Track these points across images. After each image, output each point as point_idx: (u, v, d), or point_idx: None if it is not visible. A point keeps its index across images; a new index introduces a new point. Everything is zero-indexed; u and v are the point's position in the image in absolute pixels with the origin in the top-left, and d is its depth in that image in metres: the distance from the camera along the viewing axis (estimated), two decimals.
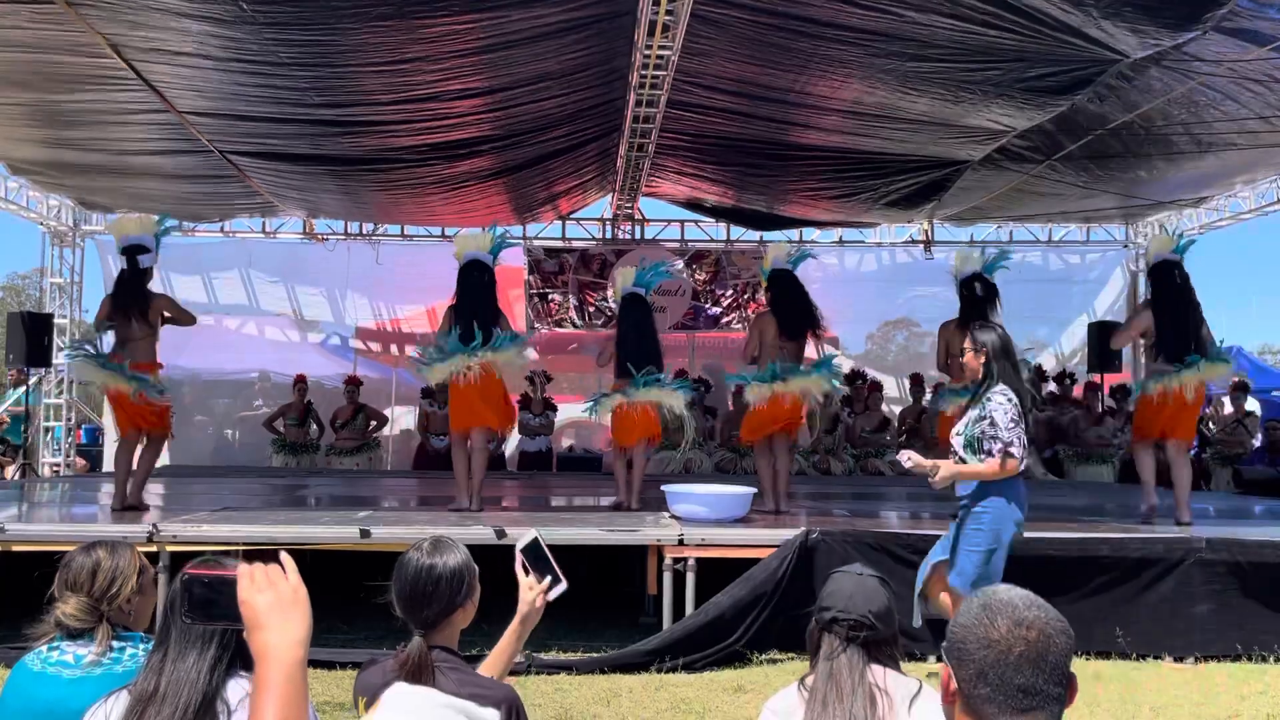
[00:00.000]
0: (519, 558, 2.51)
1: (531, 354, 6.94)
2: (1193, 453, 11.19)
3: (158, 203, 11.30)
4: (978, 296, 7.17)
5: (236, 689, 1.86)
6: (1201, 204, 11.38)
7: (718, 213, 12.12)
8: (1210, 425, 11.41)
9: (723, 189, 11.01)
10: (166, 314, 7.12)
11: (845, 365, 12.97)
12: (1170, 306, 6.84)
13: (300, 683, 1.34)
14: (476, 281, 6.91)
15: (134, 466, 7.09)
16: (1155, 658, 5.62)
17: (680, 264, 12.61)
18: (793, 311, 7.18)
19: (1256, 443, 10.83)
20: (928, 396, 11.97)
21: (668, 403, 7.01)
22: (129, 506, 6.93)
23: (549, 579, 2.49)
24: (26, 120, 7.94)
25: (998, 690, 1.35)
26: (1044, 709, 1.34)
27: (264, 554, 1.48)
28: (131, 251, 7.00)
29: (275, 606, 1.36)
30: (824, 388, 7.10)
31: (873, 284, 13.25)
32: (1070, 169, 9.12)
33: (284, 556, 1.43)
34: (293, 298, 12.83)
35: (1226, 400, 11.21)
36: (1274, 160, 9.26)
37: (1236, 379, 11.35)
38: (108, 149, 8.77)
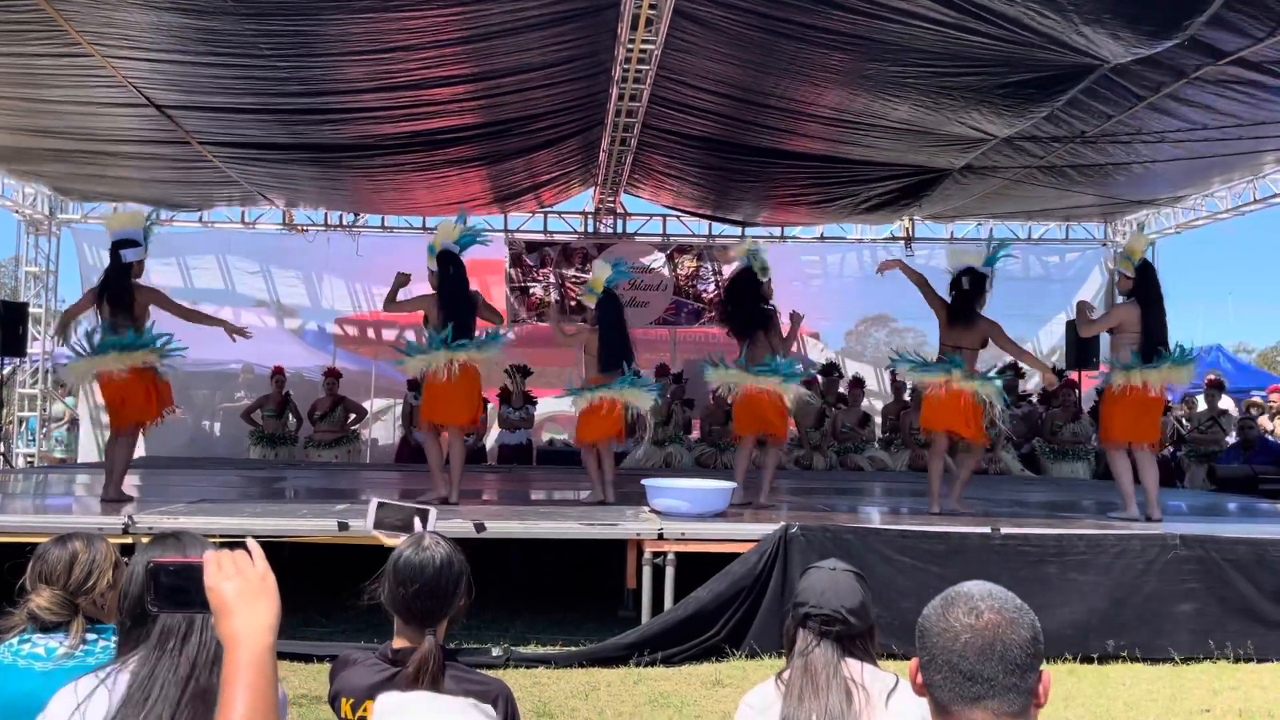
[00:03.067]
0: (375, 531, 2.52)
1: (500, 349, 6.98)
2: (1168, 450, 11.31)
3: (136, 191, 11.22)
4: (964, 290, 7.09)
5: None
6: (1178, 203, 11.49)
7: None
8: (1185, 422, 11.52)
9: (703, 193, 11.04)
10: (154, 305, 6.85)
11: (822, 360, 13.07)
12: (1156, 306, 6.84)
13: (269, 669, 1.33)
14: (454, 276, 6.87)
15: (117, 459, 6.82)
16: (1129, 653, 5.67)
17: (662, 258, 12.61)
18: (738, 314, 7.29)
19: (1231, 440, 10.93)
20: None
21: (636, 402, 7.04)
22: (112, 499, 6.66)
23: (415, 520, 2.51)
24: (1, 110, 7.86)
25: (947, 678, 1.37)
26: (995, 698, 1.35)
27: (232, 541, 1.47)
28: (118, 246, 6.80)
29: (243, 593, 1.35)
30: (778, 389, 6.98)
31: (852, 280, 13.31)
32: (1049, 173, 9.19)
33: (251, 543, 1.42)
34: (271, 288, 12.75)
35: (1201, 398, 11.32)
36: (1250, 162, 9.36)
37: (1211, 376, 11.46)
38: (85, 139, 8.69)
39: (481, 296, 7.13)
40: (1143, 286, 6.91)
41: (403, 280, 6.97)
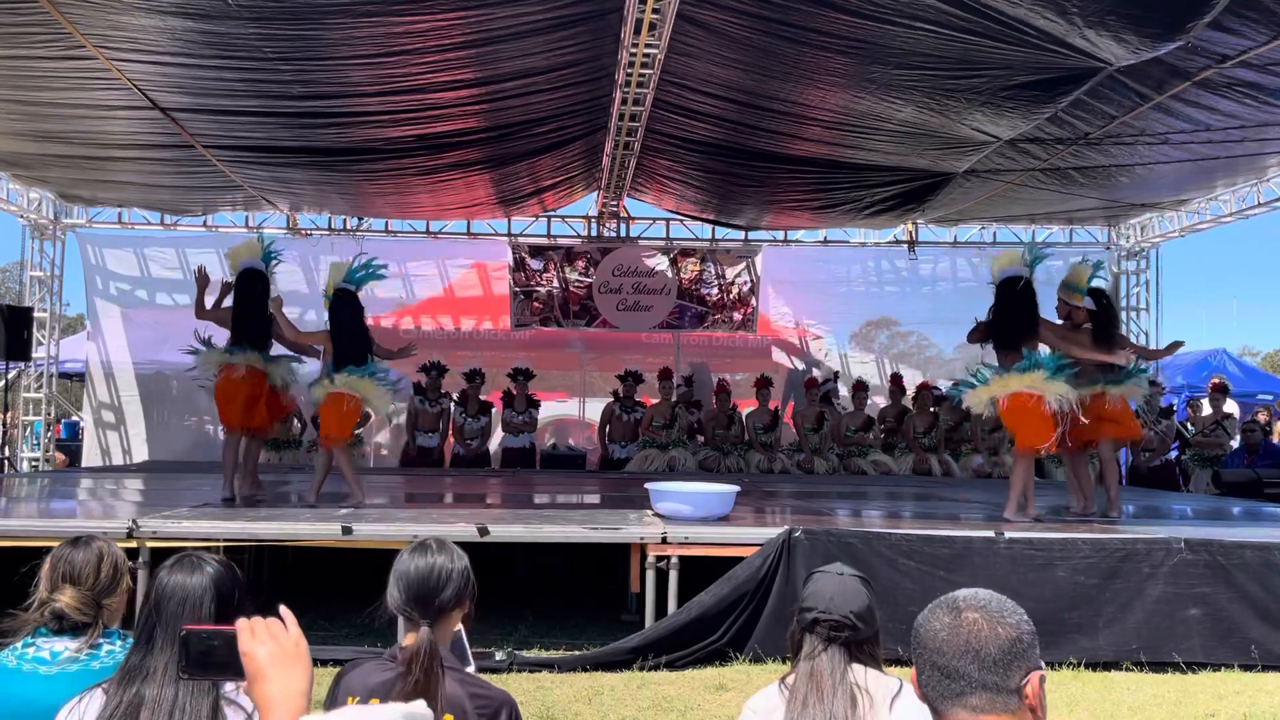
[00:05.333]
0: None
1: (294, 374, 7.47)
2: (1173, 454, 11.30)
3: (140, 196, 11.25)
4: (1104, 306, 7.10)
5: (229, 685, 1.85)
6: (1182, 206, 11.48)
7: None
8: (1189, 426, 11.50)
9: (706, 197, 11.04)
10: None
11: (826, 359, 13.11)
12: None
13: None
14: (250, 291, 7.15)
15: (240, 460, 7.38)
16: (1134, 659, 5.65)
17: (665, 261, 12.60)
18: (1015, 324, 6.89)
19: (1235, 444, 10.91)
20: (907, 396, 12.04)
21: (371, 397, 7.05)
22: (244, 498, 7.27)
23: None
24: (6, 114, 7.88)
25: (930, 675, 1.41)
26: (974, 694, 1.37)
27: (265, 608, 1.50)
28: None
29: (278, 658, 1.38)
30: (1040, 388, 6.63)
31: (856, 283, 13.31)
32: (1052, 175, 9.19)
33: (284, 610, 1.46)
34: (273, 288, 12.74)
35: (1205, 402, 11.29)
36: (1254, 164, 9.35)
37: (1216, 380, 11.45)
38: (90, 143, 8.71)
39: (284, 319, 7.30)
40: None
41: (203, 281, 7.33)
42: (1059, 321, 7.23)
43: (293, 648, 1.40)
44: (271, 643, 1.39)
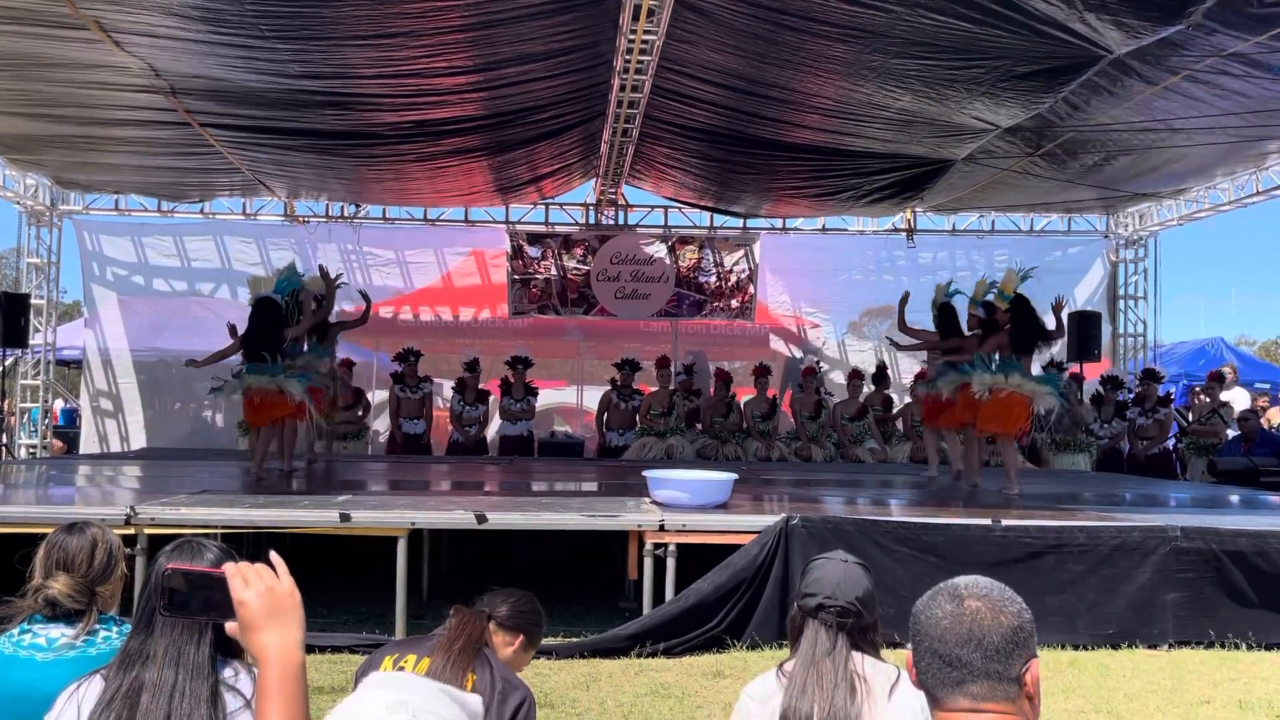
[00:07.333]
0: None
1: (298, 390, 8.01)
2: (1170, 442, 11.33)
3: (137, 180, 11.20)
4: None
5: (228, 671, 1.86)
6: (1181, 195, 11.47)
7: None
8: (1186, 415, 11.51)
9: (705, 185, 11.02)
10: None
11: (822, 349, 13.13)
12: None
13: (302, 685, 1.33)
14: (261, 317, 7.91)
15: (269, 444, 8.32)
16: (1129, 645, 5.68)
17: (664, 249, 12.59)
18: (1030, 334, 7.87)
19: (1232, 432, 10.92)
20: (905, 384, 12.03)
21: (286, 388, 7.84)
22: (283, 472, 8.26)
23: None
24: (3, 94, 7.84)
25: (930, 664, 1.41)
26: (975, 682, 1.37)
27: (255, 553, 1.46)
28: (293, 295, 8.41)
29: (272, 608, 1.34)
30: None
31: (854, 272, 13.29)
32: (1050, 164, 9.17)
33: (274, 556, 1.40)
34: (270, 273, 12.74)
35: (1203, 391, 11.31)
36: (1252, 153, 9.33)
37: (1227, 370, 11.47)
38: (86, 121, 8.65)
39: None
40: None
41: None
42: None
43: (286, 597, 1.35)
44: (267, 594, 1.34)
